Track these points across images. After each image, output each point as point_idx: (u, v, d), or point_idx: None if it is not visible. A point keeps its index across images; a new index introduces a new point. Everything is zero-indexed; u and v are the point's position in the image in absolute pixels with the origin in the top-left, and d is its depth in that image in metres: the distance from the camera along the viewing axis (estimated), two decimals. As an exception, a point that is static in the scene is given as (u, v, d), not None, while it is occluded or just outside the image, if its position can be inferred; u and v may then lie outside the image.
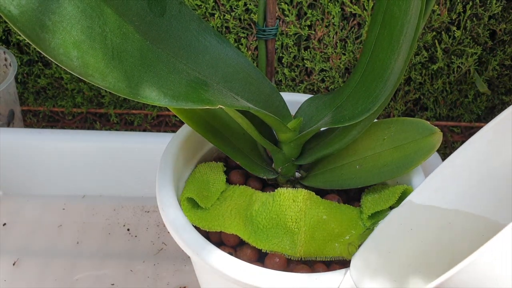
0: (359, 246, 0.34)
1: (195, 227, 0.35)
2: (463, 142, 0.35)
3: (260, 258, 0.36)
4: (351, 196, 0.41)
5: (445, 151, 0.77)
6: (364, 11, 0.66)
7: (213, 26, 0.66)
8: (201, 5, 0.67)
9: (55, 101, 0.77)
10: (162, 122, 0.80)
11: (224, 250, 0.33)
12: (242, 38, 0.69)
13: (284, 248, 0.35)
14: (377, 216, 0.36)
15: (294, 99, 0.42)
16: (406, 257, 0.32)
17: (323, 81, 0.73)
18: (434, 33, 0.68)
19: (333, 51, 0.69)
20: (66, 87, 0.75)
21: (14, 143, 0.56)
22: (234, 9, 0.67)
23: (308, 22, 0.67)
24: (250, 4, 0.66)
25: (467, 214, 0.33)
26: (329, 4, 0.65)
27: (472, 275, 0.23)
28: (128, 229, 0.55)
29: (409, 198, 0.35)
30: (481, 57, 0.71)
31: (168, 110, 0.73)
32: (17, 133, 0.58)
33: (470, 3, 0.66)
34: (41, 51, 0.23)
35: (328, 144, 0.39)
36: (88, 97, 0.77)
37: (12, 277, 0.49)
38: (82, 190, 0.59)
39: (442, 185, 0.34)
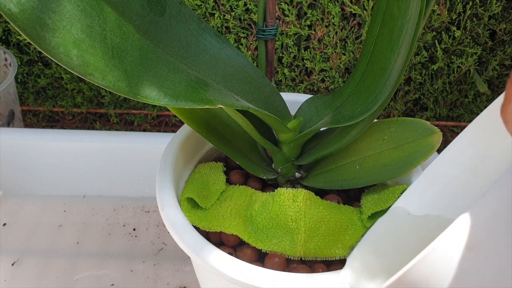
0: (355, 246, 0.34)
1: (195, 227, 0.35)
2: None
3: (260, 258, 0.36)
4: (351, 196, 0.41)
5: (445, 151, 0.76)
6: (364, 11, 0.66)
7: (213, 26, 0.66)
8: (201, 5, 0.67)
9: (55, 101, 0.77)
10: (162, 122, 0.80)
11: (224, 250, 0.33)
12: (242, 38, 0.69)
13: (284, 248, 0.35)
14: (377, 216, 0.36)
15: (294, 99, 0.42)
16: (400, 258, 0.32)
17: (323, 81, 0.73)
18: (434, 33, 0.68)
19: (333, 51, 0.69)
20: (66, 87, 0.75)
21: (14, 143, 0.56)
22: (234, 9, 0.67)
23: (308, 22, 0.67)
24: (250, 4, 0.66)
25: (448, 220, 0.33)
26: (329, 4, 0.65)
27: (421, 272, 0.23)
28: (129, 229, 0.55)
29: (400, 198, 0.36)
30: (481, 57, 0.71)
31: (168, 110, 0.73)
32: (17, 133, 0.58)
33: (470, 3, 0.66)
34: (41, 50, 0.23)
35: (328, 144, 0.38)
36: (88, 97, 0.77)
37: (12, 277, 0.49)
38: (82, 190, 0.59)
39: (429, 188, 0.35)
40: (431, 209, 0.34)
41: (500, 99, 0.29)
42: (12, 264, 0.51)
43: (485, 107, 0.79)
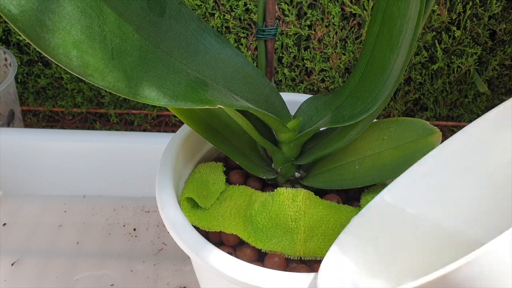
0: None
1: (195, 227, 0.35)
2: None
3: (260, 258, 0.36)
4: (350, 196, 0.41)
5: (445, 151, 0.76)
6: (364, 11, 0.66)
7: (213, 26, 0.66)
8: (201, 5, 0.67)
9: (55, 101, 0.77)
10: (162, 122, 0.80)
11: (223, 250, 0.33)
12: (242, 38, 0.69)
13: (283, 248, 0.35)
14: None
15: (294, 99, 0.42)
16: (379, 254, 0.32)
17: (323, 81, 0.73)
18: (434, 33, 0.68)
19: (333, 51, 0.69)
20: (66, 87, 0.75)
21: (14, 143, 0.56)
22: (234, 9, 0.67)
23: (308, 22, 0.67)
24: (250, 4, 0.66)
25: (432, 220, 0.33)
26: (329, 4, 0.66)
27: (470, 274, 0.23)
28: (129, 229, 0.55)
29: (380, 194, 0.35)
30: (481, 57, 0.71)
31: (168, 110, 0.73)
32: (17, 133, 0.58)
33: (470, 3, 0.66)
34: (40, 51, 0.23)
35: (327, 144, 0.39)
36: (88, 97, 0.77)
37: (12, 277, 0.49)
38: (82, 190, 0.59)
39: (415, 183, 0.35)
40: (413, 204, 0.34)
41: (507, 103, 0.30)
42: (12, 264, 0.51)
43: (485, 107, 0.79)
